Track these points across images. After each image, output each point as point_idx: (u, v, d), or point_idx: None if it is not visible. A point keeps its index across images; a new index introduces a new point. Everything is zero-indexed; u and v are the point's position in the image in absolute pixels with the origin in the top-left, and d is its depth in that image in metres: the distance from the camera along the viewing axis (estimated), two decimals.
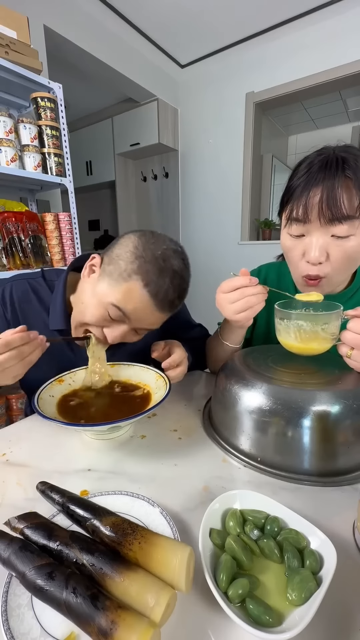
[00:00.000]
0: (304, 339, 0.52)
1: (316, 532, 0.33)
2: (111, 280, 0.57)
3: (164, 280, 0.56)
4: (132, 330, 0.62)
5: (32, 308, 0.70)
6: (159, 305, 0.57)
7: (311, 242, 0.56)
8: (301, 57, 2.33)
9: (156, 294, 0.56)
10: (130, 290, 0.56)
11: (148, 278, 0.55)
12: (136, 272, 0.55)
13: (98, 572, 0.29)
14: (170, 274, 0.56)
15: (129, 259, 0.56)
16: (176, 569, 0.29)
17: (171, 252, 0.58)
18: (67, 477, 0.48)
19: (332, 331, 0.51)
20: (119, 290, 0.56)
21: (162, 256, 0.56)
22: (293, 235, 0.59)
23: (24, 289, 0.71)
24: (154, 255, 0.56)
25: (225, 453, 0.53)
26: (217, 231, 3.00)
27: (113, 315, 0.58)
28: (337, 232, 0.54)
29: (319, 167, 0.53)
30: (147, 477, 0.48)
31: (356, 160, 0.52)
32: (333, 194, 0.51)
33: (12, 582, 0.31)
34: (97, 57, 2.20)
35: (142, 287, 0.55)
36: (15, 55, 1.39)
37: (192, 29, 2.30)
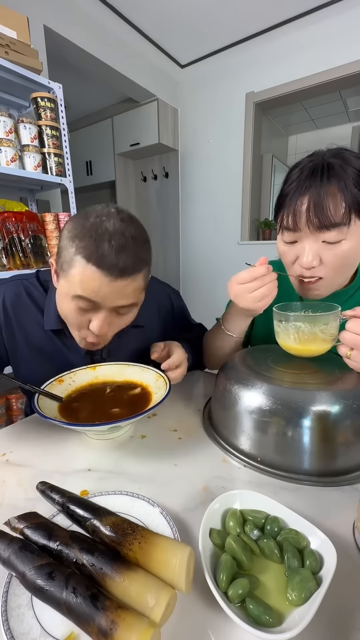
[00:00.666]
0: (303, 340, 0.52)
1: (316, 532, 0.33)
2: (64, 272, 0.56)
3: (102, 246, 0.51)
4: (114, 313, 0.59)
5: (26, 310, 0.69)
6: (110, 272, 0.52)
7: (303, 247, 0.57)
8: (301, 57, 2.32)
9: (100, 263, 0.52)
10: (79, 273, 0.53)
11: (87, 252, 0.52)
12: (75, 253, 0.52)
13: (98, 572, 0.29)
14: (107, 237, 0.52)
15: (68, 244, 0.54)
16: (176, 569, 0.29)
17: (103, 217, 0.54)
18: (67, 477, 0.48)
19: (331, 332, 0.51)
20: (72, 279, 0.54)
21: (94, 225, 0.53)
22: (286, 242, 0.60)
23: (17, 290, 0.70)
24: (85, 228, 0.53)
25: (225, 453, 0.53)
26: (217, 231, 3.00)
27: (83, 306, 0.56)
28: (327, 239, 0.54)
29: (307, 175, 0.54)
30: (147, 477, 0.48)
31: (342, 167, 0.53)
32: (319, 202, 0.52)
33: (12, 582, 0.31)
34: (97, 57, 2.20)
35: (86, 264, 0.52)
36: (15, 55, 1.39)
37: (192, 29, 2.30)
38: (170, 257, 3.35)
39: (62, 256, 0.55)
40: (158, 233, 3.38)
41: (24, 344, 0.70)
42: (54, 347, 0.70)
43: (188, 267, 3.28)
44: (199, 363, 0.85)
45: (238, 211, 2.84)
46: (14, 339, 0.69)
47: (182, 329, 0.91)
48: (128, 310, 0.61)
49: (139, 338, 0.75)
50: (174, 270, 3.33)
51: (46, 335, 0.69)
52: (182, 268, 3.32)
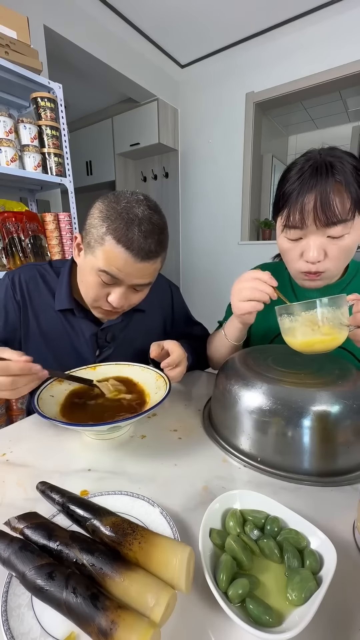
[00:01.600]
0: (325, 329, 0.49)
1: (316, 532, 0.33)
2: (91, 249, 0.61)
3: (132, 230, 0.57)
4: (131, 289, 0.65)
5: (39, 290, 0.74)
6: (137, 255, 0.59)
7: (309, 244, 0.59)
8: (301, 57, 2.32)
9: (129, 246, 0.58)
10: (108, 252, 0.58)
11: (117, 234, 0.57)
12: (106, 233, 0.58)
13: (98, 572, 0.29)
14: (137, 222, 0.58)
15: (98, 224, 0.59)
16: (176, 569, 0.29)
17: (133, 203, 0.59)
18: (67, 477, 0.48)
19: (346, 316, 0.50)
20: (100, 255, 0.59)
21: (125, 209, 0.58)
22: (291, 239, 0.61)
23: (32, 273, 0.75)
24: (117, 211, 0.58)
25: (225, 453, 0.53)
26: (217, 231, 3.00)
27: (105, 280, 0.61)
28: (332, 234, 0.57)
29: (310, 174, 0.56)
30: (147, 477, 0.48)
31: (342, 164, 0.55)
32: (326, 199, 0.54)
33: (12, 582, 0.31)
34: (97, 57, 2.20)
35: (116, 245, 0.58)
36: (15, 55, 1.39)
37: (192, 29, 2.30)
38: (170, 257, 3.35)
39: (91, 233, 0.60)
40: None
41: (33, 326, 0.73)
42: (61, 329, 0.74)
43: (188, 267, 3.28)
44: (199, 363, 0.85)
45: (238, 211, 2.84)
46: (26, 319, 0.73)
47: (182, 321, 0.92)
48: (143, 288, 0.67)
49: (140, 323, 0.81)
50: (174, 270, 3.33)
51: (56, 317, 0.73)
52: (182, 268, 3.32)
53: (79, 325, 0.74)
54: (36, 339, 0.74)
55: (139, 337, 0.81)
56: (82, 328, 0.74)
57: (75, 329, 0.74)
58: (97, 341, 0.76)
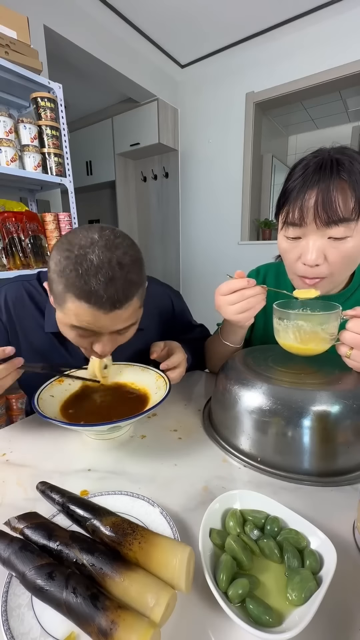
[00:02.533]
0: (304, 339, 0.52)
1: (316, 532, 0.33)
2: (59, 307, 0.55)
3: (89, 283, 0.49)
4: (114, 334, 0.58)
5: (27, 311, 0.69)
6: (103, 307, 0.51)
7: (307, 244, 0.56)
8: (301, 57, 2.32)
9: (91, 300, 0.50)
10: (72, 309, 0.52)
11: (76, 291, 0.50)
12: (65, 290, 0.51)
13: (98, 572, 0.29)
14: (93, 271, 0.49)
15: (56, 280, 0.52)
16: (176, 569, 0.29)
17: (87, 247, 0.51)
18: (67, 477, 0.48)
19: (331, 331, 0.51)
20: (68, 312, 0.53)
21: (77, 259, 0.50)
22: (290, 238, 0.59)
23: (18, 293, 0.70)
24: (71, 262, 0.50)
25: (225, 453, 0.53)
26: (217, 231, 3.00)
27: (83, 334, 0.56)
28: (333, 234, 0.54)
29: (314, 170, 0.53)
30: (147, 477, 0.48)
31: (351, 162, 0.52)
32: (328, 196, 0.51)
33: (12, 582, 0.31)
34: (97, 57, 2.20)
35: (79, 302, 0.51)
36: (15, 55, 1.39)
37: (192, 29, 2.30)
38: (170, 257, 3.35)
39: (54, 289, 0.54)
40: (158, 233, 3.38)
41: (24, 346, 0.70)
42: (55, 350, 0.70)
43: (188, 267, 3.28)
44: (199, 364, 0.85)
45: (238, 211, 2.84)
46: (16, 339, 0.69)
47: (182, 329, 0.91)
48: (128, 329, 0.60)
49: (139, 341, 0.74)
50: (174, 270, 3.33)
51: (47, 338, 0.69)
52: (182, 268, 3.32)
53: (72, 347, 0.69)
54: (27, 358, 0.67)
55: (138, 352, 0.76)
56: (76, 350, 0.68)
57: (69, 350, 0.70)
58: None
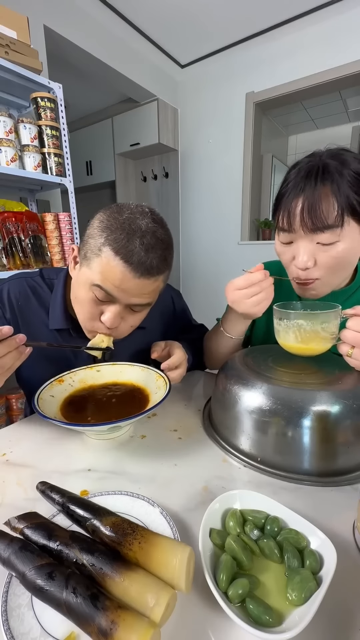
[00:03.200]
0: (304, 339, 0.52)
1: (316, 532, 0.33)
2: (87, 261, 0.56)
3: (133, 242, 0.52)
4: (127, 309, 0.59)
5: (31, 308, 0.69)
6: (136, 269, 0.53)
7: (298, 248, 0.57)
8: (301, 57, 2.32)
9: (129, 259, 0.52)
10: (104, 264, 0.53)
11: (117, 245, 0.52)
12: (104, 243, 0.53)
13: (98, 572, 0.29)
14: (139, 234, 0.53)
15: (97, 234, 0.54)
16: (176, 569, 0.29)
17: (137, 214, 0.55)
18: (67, 477, 0.48)
19: (331, 330, 0.51)
20: (95, 268, 0.54)
21: (127, 220, 0.54)
22: (283, 242, 0.61)
23: (21, 288, 0.69)
24: (118, 221, 0.54)
25: (225, 453, 0.53)
26: (217, 231, 3.00)
27: (99, 296, 0.56)
28: (321, 240, 0.55)
29: (302, 176, 0.54)
30: (147, 477, 0.48)
31: (338, 168, 0.52)
32: (313, 203, 0.52)
33: (12, 582, 0.31)
34: (97, 57, 2.20)
35: (114, 256, 0.52)
36: (15, 55, 1.39)
37: (192, 29, 2.30)
38: None
39: (89, 244, 0.56)
40: None
41: None
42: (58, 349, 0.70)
43: (188, 267, 3.28)
44: (200, 364, 0.85)
45: (238, 211, 2.84)
46: None
47: (183, 329, 0.91)
48: (142, 309, 0.61)
49: (140, 340, 0.75)
50: (174, 270, 3.33)
51: (51, 335, 0.69)
52: (182, 268, 3.32)
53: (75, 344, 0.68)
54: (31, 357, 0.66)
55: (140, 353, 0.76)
56: None
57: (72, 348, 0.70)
58: (96, 360, 0.71)
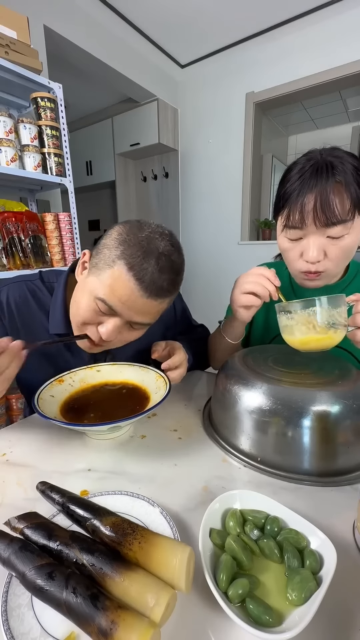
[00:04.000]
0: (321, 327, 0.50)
1: (316, 532, 0.33)
2: (97, 270, 0.56)
3: (148, 262, 0.52)
4: (127, 325, 0.59)
5: (30, 312, 0.68)
6: (147, 289, 0.53)
7: (309, 243, 0.59)
8: (301, 57, 2.32)
9: (141, 278, 0.52)
10: (115, 277, 0.53)
11: (132, 261, 0.52)
12: (119, 257, 0.53)
13: (98, 572, 0.29)
14: (156, 255, 0.53)
15: (113, 245, 0.54)
16: (176, 569, 0.29)
17: (157, 234, 0.55)
18: (67, 477, 0.48)
19: (344, 316, 0.51)
20: (105, 280, 0.54)
21: (147, 239, 0.54)
22: (291, 239, 0.62)
23: (21, 292, 0.69)
24: (137, 238, 0.53)
25: (225, 453, 0.53)
26: (217, 231, 3.00)
27: (102, 309, 0.56)
28: (332, 234, 0.57)
29: (311, 174, 0.56)
30: (147, 477, 0.48)
31: (343, 164, 0.55)
32: (326, 199, 0.54)
33: (12, 582, 0.31)
34: (97, 57, 2.20)
35: (127, 272, 0.52)
36: (15, 55, 1.39)
37: (192, 29, 2.30)
38: None
39: (102, 254, 0.55)
40: None
41: None
42: (58, 351, 0.70)
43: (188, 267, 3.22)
44: (200, 364, 0.85)
45: (238, 211, 2.84)
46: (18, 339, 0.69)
47: (183, 330, 0.91)
48: (141, 327, 0.61)
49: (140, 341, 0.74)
50: None
51: (50, 338, 0.68)
52: None
53: (75, 348, 0.69)
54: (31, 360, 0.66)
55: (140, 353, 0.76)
56: (78, 350, 0.68)
57: (72, 350, 0.70)
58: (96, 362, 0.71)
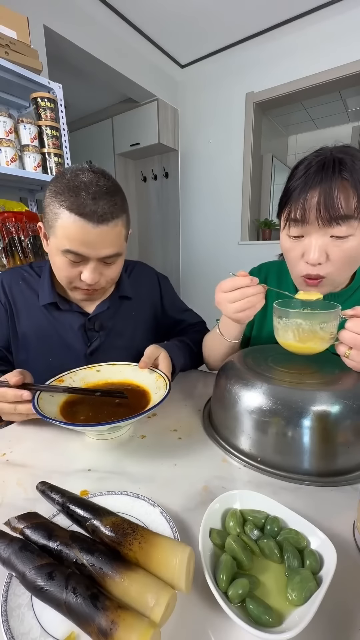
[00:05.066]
0: (303, 337, 0.52)
1: (316, 532, 0.33)
2: (51, 230, 0.62)
3: (80, 195, 0.58)
4: (101, 263, 0.65)
5: (22, 292, 0.77)
6: (91, 219, 0.59)
7: (310, 243, 0.57)
8: (301, 57, 2.32)
9: (82, 212, 0.58)
10: (65, 225, 0.59)
11: (68, 204, 0.58)
12: (58, 207, 0.59)
13: (98, 572, 0.29)
14: (83, 187, 0.59)
15: (51, 202, 0.61)
16: (176, 569, 0.29)
17: (78, 171, 0.61)
18: (67, 477, 0.48)
19: (330, 330, 0.51)
20: (59, 233, 0.60)
21: (70, 179, 0.60)
22: (292, 237, 0.59)
23: (14, 277, 0.78)
24: (63, 184, 0.60)
25: (225, 453, 0.53)
26: (217, 231, 3.00)
27: (72, 258, 0.62)
28: (335, 233, 0.54)
29: (316, 169, 0.54)
30: (147, 477, 0.48)
31: (353, 161, 0.53)
32: (330, 195, 0.52)
33: (12, 582, 0.31)
34: (97, 57, 2.20)
35: (70, 214, 0.58)
36: (15, 55, 1.39)
37: (192, 29, 2.30)
38: (170, 257, 3.35)
39: (47, 214, 0.62)
40: (158, 233, 3.38)
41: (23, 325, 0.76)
42: (49, 325, 0.75)
43: (188, 267, 3.28)
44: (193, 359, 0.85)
45: (238, 211, 2.83)
46: (14, 319, 0.76)
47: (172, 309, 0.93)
48: (114, 260, 0.67)
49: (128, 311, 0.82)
50: (174, 270, 3.33)
51: (42, 314, 0.75)
52: (182, 268, 3.32)
53: (66, 319, 0.75)
54: (26, 338, 0.75)
55: (129, 326, 0.82)
56: (69, 321, 0.75)
57: (63, 323, 0.76)
58: (86, 332, 0.77)
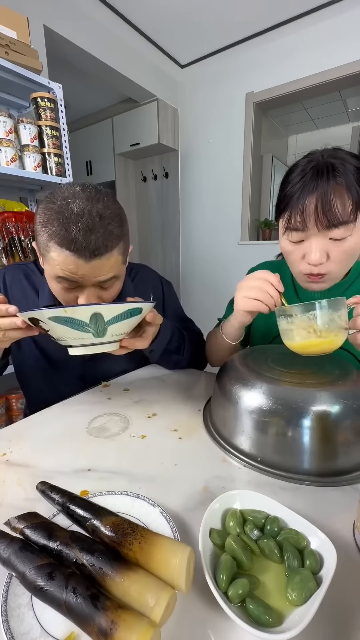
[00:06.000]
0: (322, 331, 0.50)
1: (316, 532, 0.33)
2: (45, 256, 0.58)
3: (70, 230, 0.53)
4: (98, 287, 0.61)
5: (23, 290, 0.76)
6: (83, 255, 0.54)
7: (310, 245, 0.58)
8: (301, 57, 2.32)
9: (74, 247, 0.54)
10: (56, 257, 0.55)
11: (58, 238, 0.54)
12: (48, 239, 0.55)
13: (98, 572, 0.29)
14: (74, 219, 0.53)
15: (41, 230, 0.56)
16: (176, 569, 0.29)
17: (69, 198, 0.55)
18: (67, 477, 0.48)
19: (345, 319, 0.50)
20: (51, 262, 0.57)
21: (60, 208, 0.54)
22: (293, 242, 0.61)
23: (16, 273, 0.77)
24: (54, 212, 0.54)
25: (225, 453, 0.53)
26: (217, 231, 3.00)
27: (67, 285, 0.59)
28: (334, 236, 0.56)
29: (312, 176, 0.55)
30: (147, 477, 0.48)
31: (344, 165, 0.55)
32: (327, 201, 0.54)
33: (12, 582, 0.31)
34: (97, 57, 2.20)
35: (60, 249, 0.54)
36: (15, 55, 1.39)
37: (193, 29, 2.30)
38: (170, 257, 3.35)
39: (39, 241, 0.59)
40: (158, 233, 3.38)
41: None
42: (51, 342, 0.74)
43: (188, 267, 3.28)
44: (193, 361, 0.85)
45: (238, 211, 2.83)
46: None
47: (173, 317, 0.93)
48: (111, 284, 0.63)
49: None
50: (174, 270, 3.33)
51: None
52: (182, 268, 3.32)
53: None
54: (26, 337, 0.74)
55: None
56: None
57: None
58: None
